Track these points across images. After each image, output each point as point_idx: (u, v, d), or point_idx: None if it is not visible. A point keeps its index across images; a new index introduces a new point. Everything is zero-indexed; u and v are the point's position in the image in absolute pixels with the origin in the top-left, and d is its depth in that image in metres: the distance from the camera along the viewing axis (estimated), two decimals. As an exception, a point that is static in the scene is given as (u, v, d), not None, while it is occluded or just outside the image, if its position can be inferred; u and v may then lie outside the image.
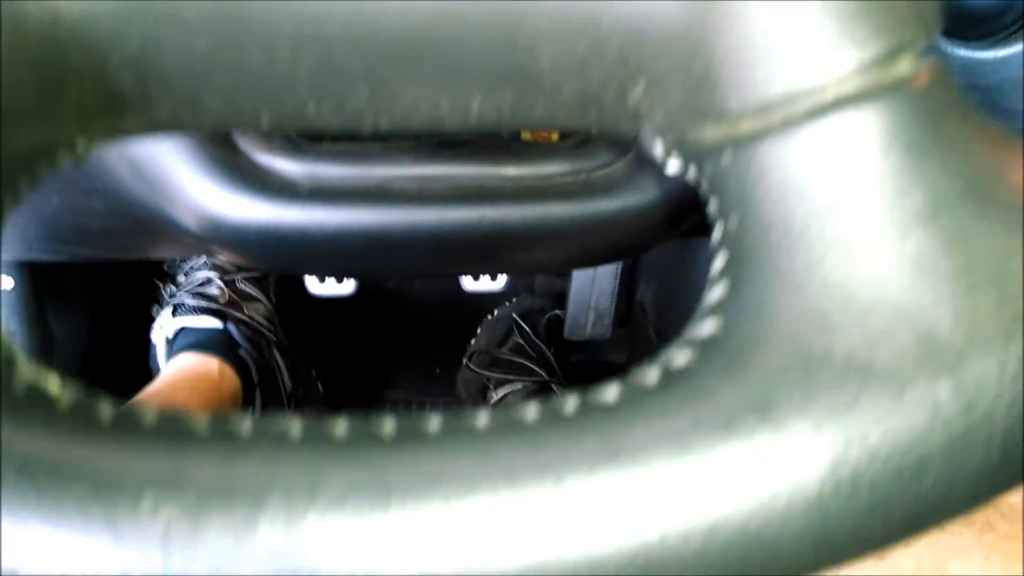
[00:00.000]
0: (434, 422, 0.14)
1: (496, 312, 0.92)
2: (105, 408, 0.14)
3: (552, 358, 0.89)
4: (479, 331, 0.91)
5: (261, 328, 0.82)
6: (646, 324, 0.92)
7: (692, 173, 0.17)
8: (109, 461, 0.13)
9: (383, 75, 0.16)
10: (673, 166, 0.18)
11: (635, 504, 0.13)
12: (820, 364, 0.14)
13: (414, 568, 0.13)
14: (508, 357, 0.87)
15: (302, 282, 0.85)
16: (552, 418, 0.14)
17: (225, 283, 0.82)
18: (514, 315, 0.89)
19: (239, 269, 0.83)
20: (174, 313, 0.80)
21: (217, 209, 0.39)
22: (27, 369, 0.14)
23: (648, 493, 0.13)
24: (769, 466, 0.13)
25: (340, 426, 0.14)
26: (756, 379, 0.14)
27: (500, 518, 0.13)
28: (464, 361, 0.90)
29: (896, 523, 0.13)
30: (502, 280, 0.87)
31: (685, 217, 0.44)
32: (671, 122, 0.17)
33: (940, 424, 0.13)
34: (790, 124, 0.15)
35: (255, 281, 0.84)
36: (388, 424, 0.14)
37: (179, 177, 0.39)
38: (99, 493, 0.13)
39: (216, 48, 0.15)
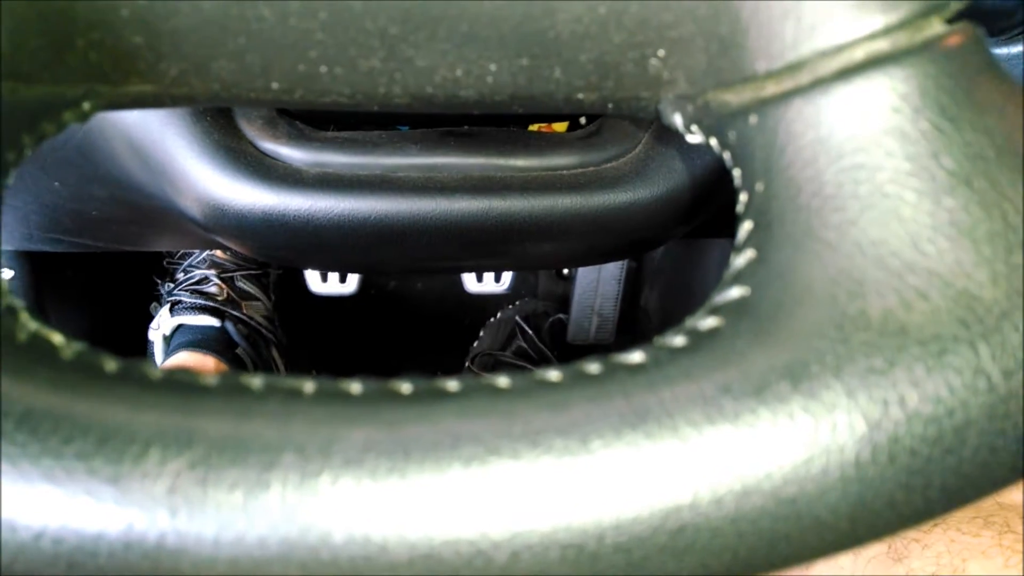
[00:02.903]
0: (453, 383, 0.14)
1: (499, 315, 0.91)
2: (109, 361, 0.13)
3: (555, 362, 0.88)
4: (482, 333, 0.91)
5: (259, 327, 0.81)
6: (650, 330, 0.92)
7: (714, 143, 0.17)
8: (114, 413, 0.12)
9: (397, 36, 0.15)
10: (694, 136, 0.18)
11: (663, 467, 0.12)
12: (855, 327, 0.13)
13: (433, 531, 0.12)
14: (511, 360, 0.86)
15: (303, 281, 0.84)
16: (576, 379, 0.13)
17: (224, 281, 0.81)
18: (517, 318, 0.89)
19: (238, 267, 0.83)
20: (172, 310, 0.79)
21: (220, 196, 0.39)
22: (29, 320, 0.14)
23: (677, 456, 0.12)
24: (802, 431, 0.12)
25: (355, 385, 0.13)
26: (787, 342, 0.13)
27: (523, 480, 0.12)
28: (466, 363, 0.89)
29: (935, 493, 0.13)
30: (505, 282, 0.87)
31: (693, 213, 0.43)
32: (694, 89, 0.16)
33: (981, 388, 0.13)
34: (820, 84, 0.14)
35: (255, 279, 0.83)
36: (405, 384, 0.14)
37: (183, 163, 0.39)
38: (103, 445, 0.12)
39: (228, 2, 0.15)
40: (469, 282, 0.87)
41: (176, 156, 0.39)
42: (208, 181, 0.38)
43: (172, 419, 0.12)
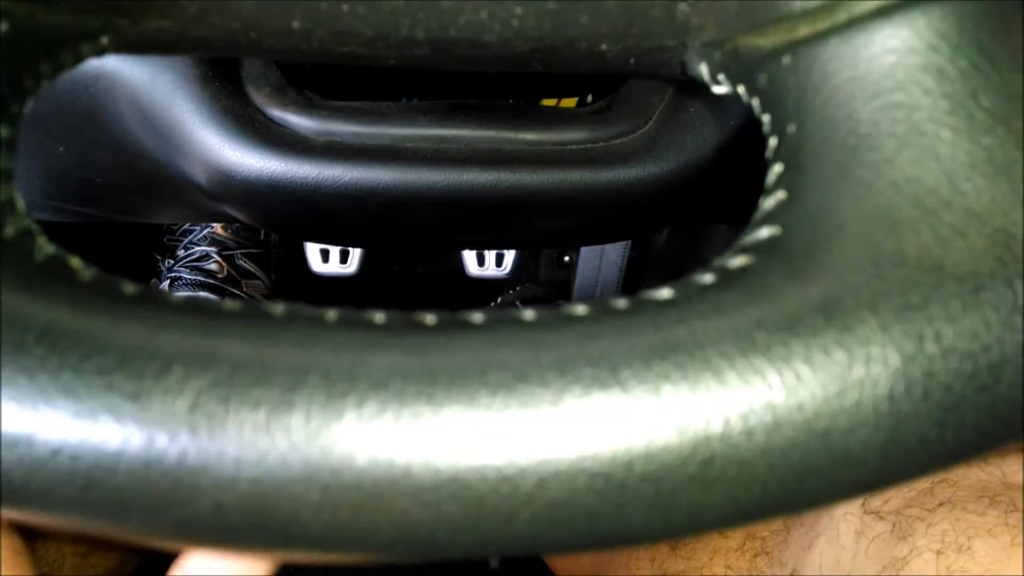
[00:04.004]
0: (478, 316, 0.13)
1: (500, 299, 0.91)
2: (128, 285, 0.13)
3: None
4: (481, 318, 0.90)
5: (261, 306, 0.81)
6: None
7: (742, 91, 0.17)
8: (135, 331, 0.12)
9: None
10: (720, 87, 0.18)
11: (694, 397, 0.12)
12: (890, 263, 0.13)
13: (459, 457, 0.12)
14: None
15: (304, 260, 0.84)
16: (604, 312, 0.13)
17: (224, 259, 0.81)
18: (518, 303, 0.89)
19: (239, 245, 0.82)
20: (172, 287, 0.79)
21: (227, 162, 0.39)
22: (47, 243, 0.13)
23: (708, 387, 0.12)
24: (836, 363, 0.12)
25: (379, 315, 0.13)
26: (821, 278, 0.13)
27: (551, 407, 0.12)
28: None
29: (968, 432, 0.13)
30: (507, 266, 0.87)
31: (702, 192, 0.43)
32: (723, 34, 0.16)
33: (1018, 325, 0.12)
34: (857, 22, 0.14)
35: (256, 258, 0.83)
36: (430, 316, 0.13)
37: (190, 128, 0.38)
38: (124, 362, 0.12)
39: None
40: (470, 266, 0.87)
41: (184, 121, 0.38)
42: (215, 147, 0.38)
43: (194, 339, 0.12)
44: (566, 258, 0.94)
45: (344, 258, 0.83)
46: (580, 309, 0.14)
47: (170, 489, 0.12)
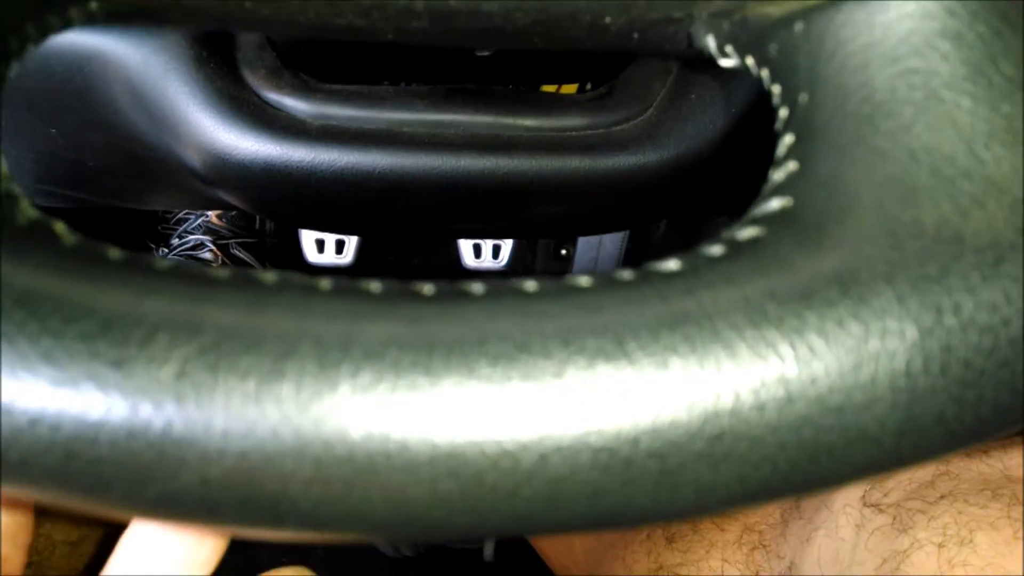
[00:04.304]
0: (478, 286, 0.13)
1: (495, 291, 0.91)
2: (114, 250, 0.13)
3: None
4: (477, 309, 0.90)
5: (255, 296, 0.80)
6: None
7: (751, 62, 0.16)
8: (119, 297, 0.12)
9: None
10: (728, 59, 0.17)
11: (703, 370, 0.12)
12: (907, 234, 0.12)
13: (457, 430, 0.11)
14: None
15: (299, 250, 0.83)
16: (608, 283, 0.13)
17: (219, 247, 0.80)
18: (513, 294, 0.88)
19: (234, 235, 0.82)
20: (167, 275, 0.78)
21: (222, 145, 0.38)
22: (30, 207, 0.13)
23: (718, 359, 0.12)
24: (851, 336, 0.12)
25: (374, 284, 0.13)
26: (835, 249, 0.13)
27: (554, 379, 0.12)
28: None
29: (987, 410, 0.12)
30: (503, 258, 0.86)
31: (703, 180, 0.42)
32: (731, 2, 0.15)
33: None
34: None
35: (250, 248, 0.82)
36: (427, 286, 0.13)
37: (184, 110, 0.38)
38: (108, 328, 0.11)
39: None
40: (467, 257, 0.86)
41: (178, 103, 0.38)
42: (210, 130, 0.38)
43: (181, 305, 0.12)
44: (563, 251, 0.93)
45: (339, 248, 0.82)
46: (584, 280, 0.13)
47: (154, 461, 0.11)
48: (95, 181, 0.47)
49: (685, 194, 0.44)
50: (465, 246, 0.87)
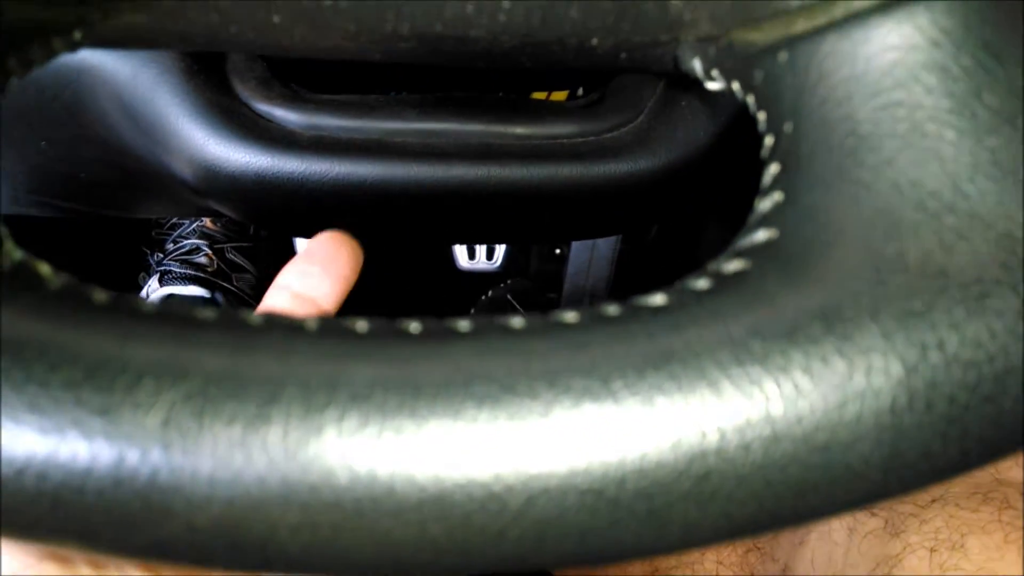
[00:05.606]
0: (464, 323, 0.13)
1: (491, 293, 0.91)
2: (99, 293, 0.13)
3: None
4: (473, 311, 0.90)
5: (249, 300, 0.80)
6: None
7: (736, 87, 0.16)
8: (104, 342, 0.12)
9: None
10: (714, 83, 0.17)
11: (689, 410, 0.12)
12: (891, 269, 0.12)
13: (444, 473, 0.11)
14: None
15: (294, 254, 0.83)
16: (595, 320, 0.13)
17: (214, 252, 0.80)
18: (509, 296, 0.88)
19: (229, 239, 0.82)
20: (161, 280, 0.78)
21: (213, 157, 0.38)
22: (15, 249, 0.13)
23: (703, 399, 0.12)
24: (836, 374, 0.12)
25: (361, 323, 0.13)
26: (820, 284, 0.13)
27: (540, 420, 0.12)
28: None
29: (973, 444, 0.12)
30: (498, 260, 0.86)
31: (694, 186, 0.42)
32: (717, 29, 0.15)
33: (1023, 334, 0.12)
34: (856, 18, 0.13)
35: (245, 251, 0.82)
36: (414, 324, 0.13)
37: (174, 123, 0.38)
38: (93, 374, 0.11)
39: None
40: (461, 259, 0.86)
41: (168, 115, 0.38)
42: (200, 141, 0.38)
43: (166, 350, 0.12)
44: (557, 252, 0.93)
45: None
46: (570, 316, 0.13)
47: (141, 510, 0.11)
48: (88, 192, 0.47)
49: (677, 200, 0.44)
50: (459, 248, 0.87)
